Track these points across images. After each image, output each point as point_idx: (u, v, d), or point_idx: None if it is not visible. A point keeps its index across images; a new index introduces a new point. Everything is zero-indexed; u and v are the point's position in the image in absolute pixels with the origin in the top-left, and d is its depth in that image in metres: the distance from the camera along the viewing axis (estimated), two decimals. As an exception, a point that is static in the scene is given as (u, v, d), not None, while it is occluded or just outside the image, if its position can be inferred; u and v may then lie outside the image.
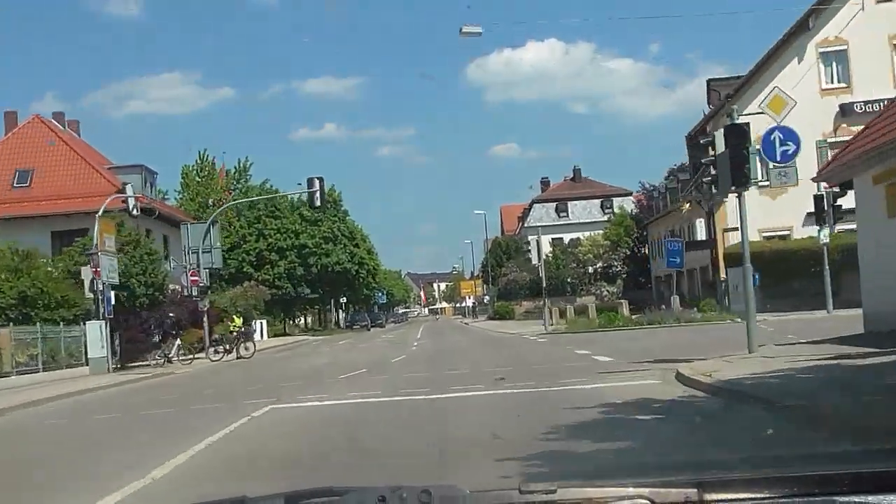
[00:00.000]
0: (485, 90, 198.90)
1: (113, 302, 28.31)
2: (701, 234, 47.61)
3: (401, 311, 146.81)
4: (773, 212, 33.30)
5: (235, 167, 69.04)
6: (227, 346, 33.38)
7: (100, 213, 29.42)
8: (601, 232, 68.12)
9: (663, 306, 31.49)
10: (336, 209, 68.47)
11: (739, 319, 28.30)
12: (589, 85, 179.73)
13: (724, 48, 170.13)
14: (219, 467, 8.19)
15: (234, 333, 34.62)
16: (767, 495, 1.83)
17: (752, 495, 1.84)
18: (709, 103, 39.77)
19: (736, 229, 34.05)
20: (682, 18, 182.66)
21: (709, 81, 38.29)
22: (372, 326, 77.75)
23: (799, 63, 35.27)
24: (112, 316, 28.34)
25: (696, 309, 28.36)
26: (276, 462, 8.04)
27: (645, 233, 66.38)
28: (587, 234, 70.55)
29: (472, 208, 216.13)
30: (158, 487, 7.21)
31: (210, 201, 69.62)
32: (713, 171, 15.35)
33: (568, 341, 26.72)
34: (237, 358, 32.26)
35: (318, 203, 36.44)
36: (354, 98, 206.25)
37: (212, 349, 33.09)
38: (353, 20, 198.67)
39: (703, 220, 49.44)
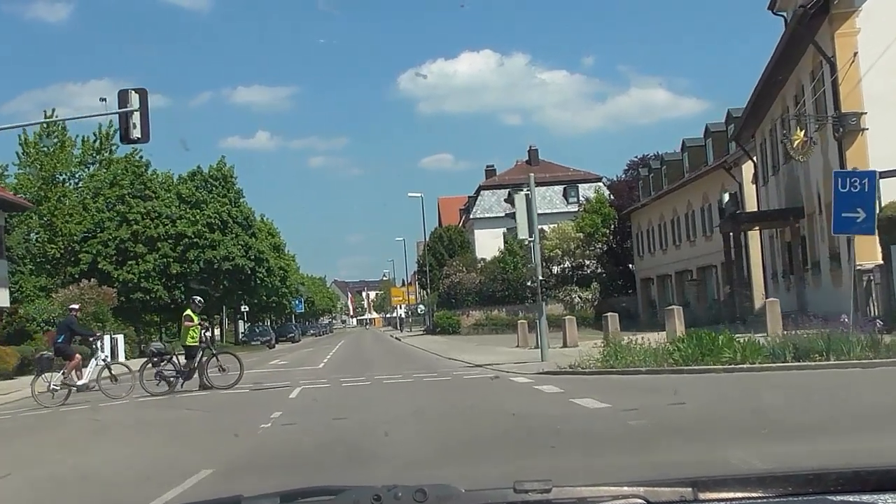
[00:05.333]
0: (417, 101, 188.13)
1: None
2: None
3: (325, 322, 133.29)
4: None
5: (95, 134, 52.61)
6: (187, 368, 18.35)
7: None
8: (571, 222, 53.53)
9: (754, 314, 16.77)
10: (227, 188, 52.19)
11: None
12: (523, 96, 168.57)
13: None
14: None
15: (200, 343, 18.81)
16: (762, 494, 1.78)
17: (747, 494, 1.79)
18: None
19: (900, 173, 19.51)
20: (615, 30, 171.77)
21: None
22: (279, 341, 62.11)
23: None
24: None
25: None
26: None
27: (626, 224, 52.15)
28: (551, 225, 55.90)
29: (405, 218, 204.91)
30: None
31: (60, 177, 53.25)
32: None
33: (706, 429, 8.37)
34: (201, 388, 18.00)
35: (135, 135, 20.81)
36: (286, 108, 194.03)
37: (152, 369, 18.14)
38: (285, 29, 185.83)
39: (734, 191, 35.12)
